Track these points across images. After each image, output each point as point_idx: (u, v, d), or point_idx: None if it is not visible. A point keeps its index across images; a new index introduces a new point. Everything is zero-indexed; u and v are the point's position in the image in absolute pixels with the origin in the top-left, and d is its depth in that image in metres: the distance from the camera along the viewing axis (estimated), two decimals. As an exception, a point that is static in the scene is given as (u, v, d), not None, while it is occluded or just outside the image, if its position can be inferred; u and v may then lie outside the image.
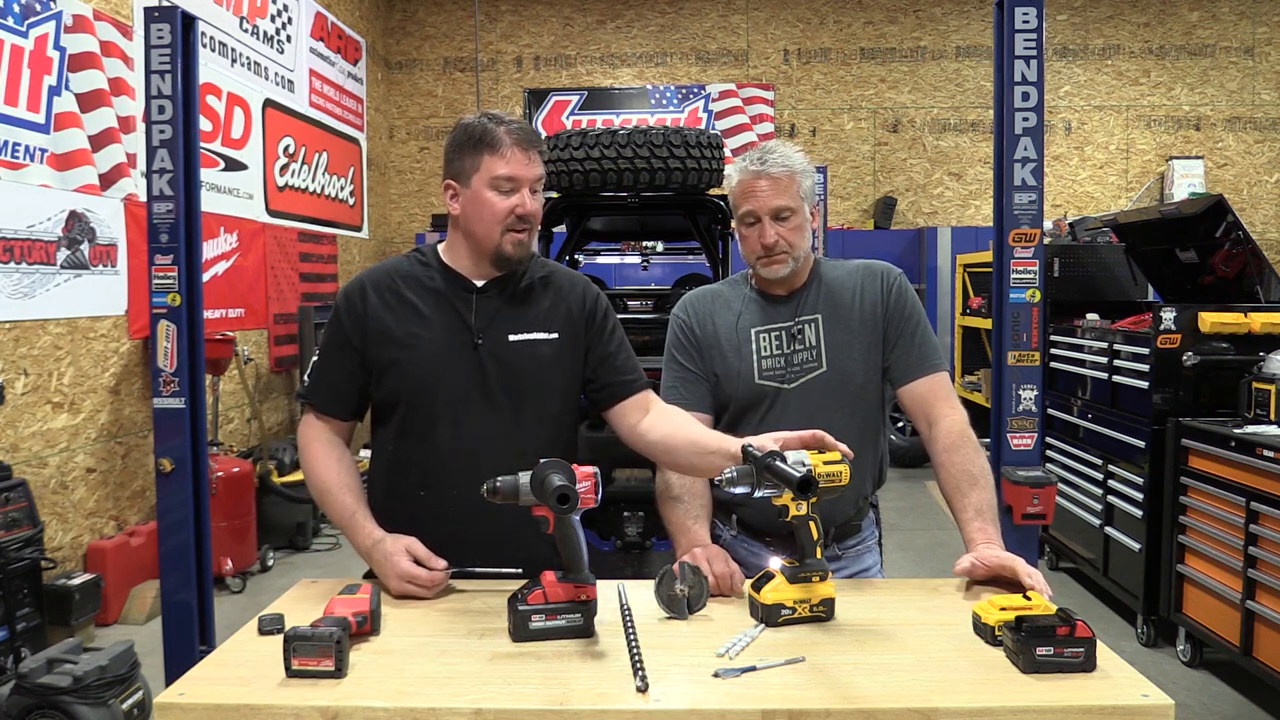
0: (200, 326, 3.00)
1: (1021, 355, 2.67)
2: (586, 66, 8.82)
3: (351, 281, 1.81)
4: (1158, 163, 8.59)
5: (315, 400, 1.79)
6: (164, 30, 2.88)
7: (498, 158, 1.67)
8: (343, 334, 1.76)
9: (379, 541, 1.63)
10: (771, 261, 1.80)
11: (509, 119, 1.71)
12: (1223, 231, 4.13)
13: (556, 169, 3.75)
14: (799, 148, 1.83)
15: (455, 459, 1.70)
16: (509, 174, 1.68)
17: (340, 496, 1.70)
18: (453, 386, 1.71)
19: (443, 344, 1.72)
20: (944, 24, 8.64)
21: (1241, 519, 3.19)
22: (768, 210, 1.77)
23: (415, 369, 1.72)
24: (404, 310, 1.74)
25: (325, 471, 1.73)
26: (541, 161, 1.73)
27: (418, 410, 1.73)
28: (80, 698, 2.63)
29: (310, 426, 1.79)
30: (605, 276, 6.20)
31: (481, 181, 1.69)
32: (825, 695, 1.19)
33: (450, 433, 1.71)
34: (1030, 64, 2.63)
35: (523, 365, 1.74)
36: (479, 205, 1.69)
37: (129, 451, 4.63)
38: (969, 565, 1.56)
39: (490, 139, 1.67)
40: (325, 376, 1.78)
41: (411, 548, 1.59)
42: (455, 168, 1.72)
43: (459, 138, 1.72)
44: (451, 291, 1.75)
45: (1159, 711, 1.17)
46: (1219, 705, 3.26)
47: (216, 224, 5.46)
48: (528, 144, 1.69)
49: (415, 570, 1.57)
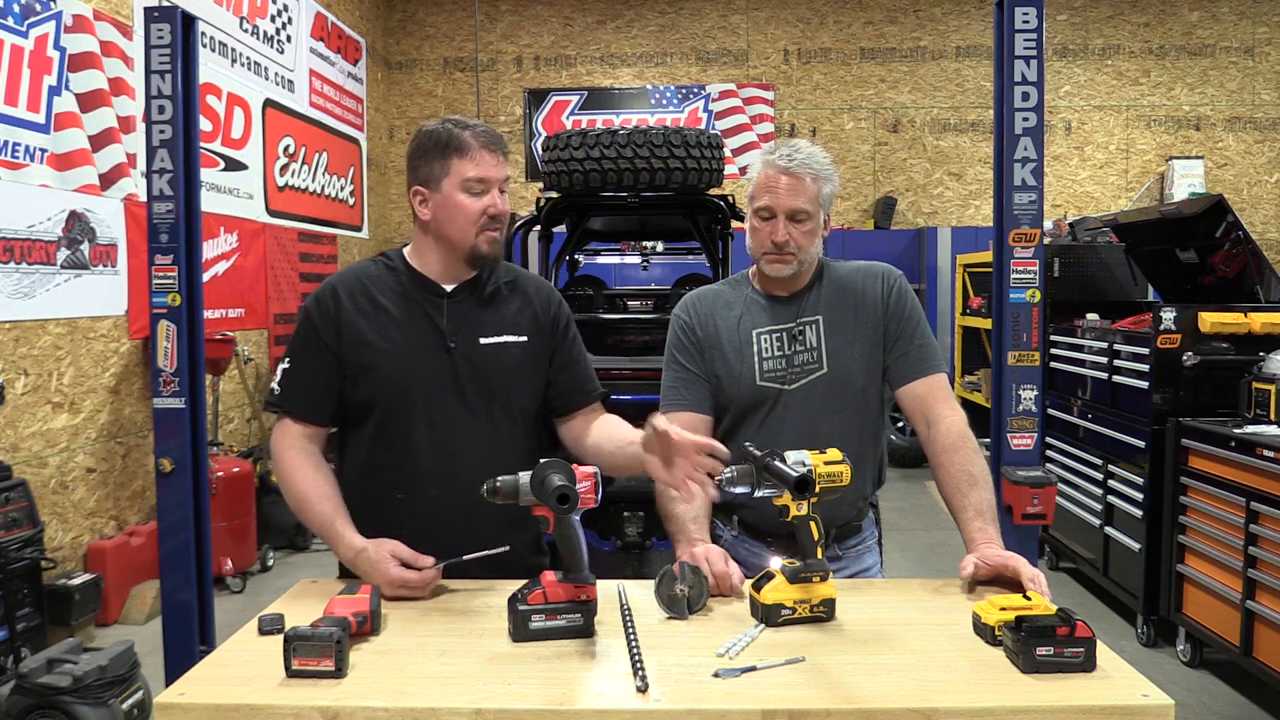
0: (200, 326, 3.00)
1: (1021, 355, 2.67)
2: (586, 66, 8.82)
3: (321, 286, 1.81)
4: (1158, 163, 8.59)
5: (291, 406, 1.77)
6: (164, 30, 2.88)
7: (467, 160, 1.71)
8: (316, 337, 1.76)
9: (361, 551, 1.62)
10: (778, 260, 1.80)
11: (473, 123, 1.75)
12: (1223, 231, 4.13)
13: (556, 169, 3.75)
14: (826, 153, 1.82)
15: (432, 461, 1.73)
16: (479, 175, 1.71)
17: (318, 506, 1.70)
18: (427, 389, 1.74)
19: (416, 348, 1.75)
20: (944, 24, 8.64)
21: (1241, 519, 3.19)
22: (784, 209, 1.76)
23: (390, 372, 1.74)
24: (376, 314, 1.76)
25: (302, 481, 1.72)
26: (506, 163, 1.76)
27: (393, 413, 1.75)
28: (80, 698, 2.63)
29: (285, 434, 1.77)
30: (605, 276, 6.20)
31: (453, 185, 1.72)
32: (825, 695, 1.19)
33: (426, 435, 1.73)
34: (1030, 64, 2.63)
35: (494, 367, 1.77)
36: (451, 208, 1.73)
37: (129, 451, 4.63)
38: (972, 569, 1.56)
39: (458, 143, 1.71)
40: (300, 381, 1.77)
41: (395, 551, 1.59)
42: (423, 173, 1.75)
43: (424, 144, 1.75)
44: (422, 296, 1.78)
45: (1159, 711, 1.17)
46: (1219, 705, 3.26)
47: (216, 224, 5.46)
48: (495, 146, 1.73)
49: (405, 574, 1.57)
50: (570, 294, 4.93)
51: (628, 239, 5.38)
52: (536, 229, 4.10)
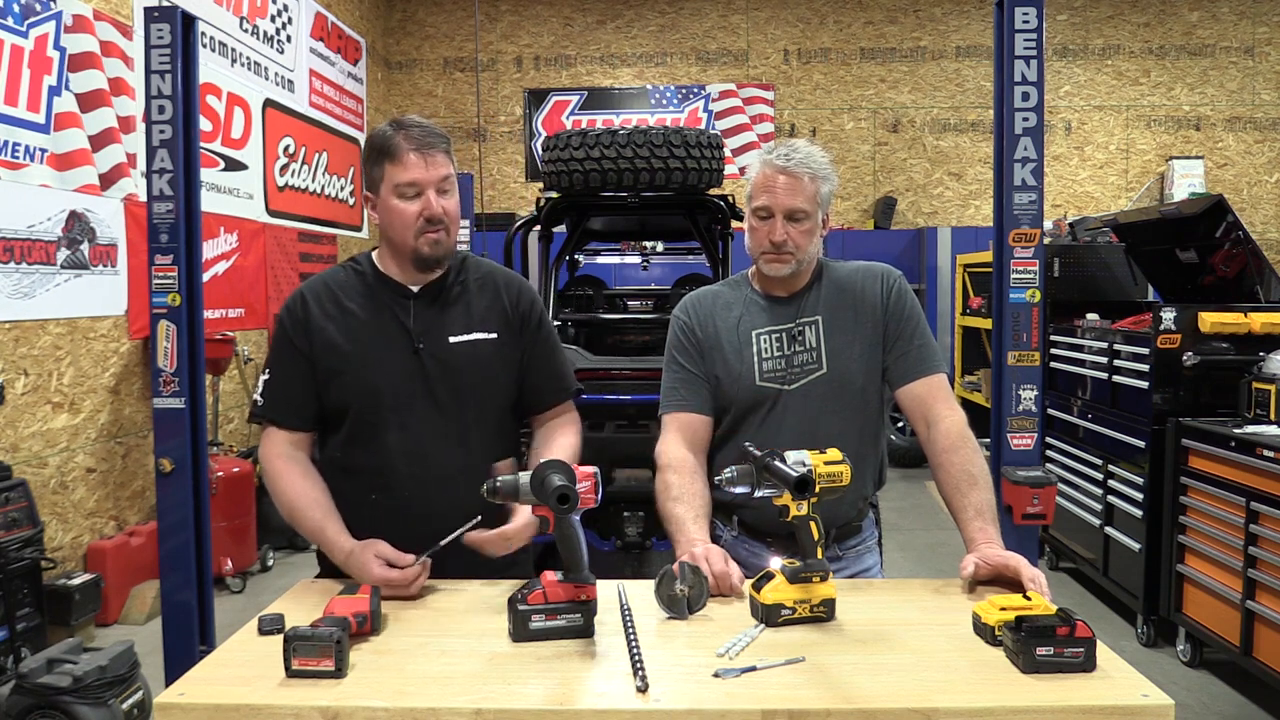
0: (200, 326, 3.00)
1: (1021, 355, 2.67)
2: (586, 66, 8.82)
3: (292, 295, 1.83)
4: (1158, 163, 8.59)
5: (275, 414, 1.79)
6: (164, 30, 2.88)
7: (398, 166, 1.70)
8: (291, 346, 1.78)
9: (350, 553, 1.64)
10: (776, 260, 1.80)
11: (411, 123, 1.73)
12: (1223, 231, 4.13)
13: (556, 169, 3.75)
14: (825, 152, 1.82)
15: (404, 462, 1.74)
16: (409, 180, 1.70)
17: (308, 513, 1.71)
18: (397, 391, 1.75)
19: (384, 350, 1.76)
20: (944, 24, 8.64)
21: (1241, 519, 3.19)
22: (782, 209, 1.77)
23: (360, 376, 1.75)
24: (344, 319, 1.77)
25: (290, 489, 1.74)
26: (447, 160, 1.74)
27: (364, 416, 1.75)
28: (80, 698, 2.63)
29: (272, 443, 1.78)
30: (605, 276, 6.20)
31: (388, 190, 1.72)
32: (825, 695, 1.19)
33: (398, 436, 1.74)
34: (1030, 64, 2.63)
35: (465, 366, 1.78)
36: (389, 213, 1.74)
37: (129, 451, 4.63)
38: (973, 569, 1.56)
39: (389, 148, 1.71)
40: (282, 389, 1.79)
41: (380, 552, 1.60)
42: (368, 179, 1.77)
43: (368, 149, 1.76)
44: (389, 298, 1.79)
45: (1159, 711, 1.17)
46: (1219, 705, 3.26)
47: (216, 224, 5.46)
48: (426, 147, 1.71)
49: (388, 574, 1.58)
50: (570, 294, 4.93)
51: (628, 239, 5.38)
52: (536, 229, 4.10)
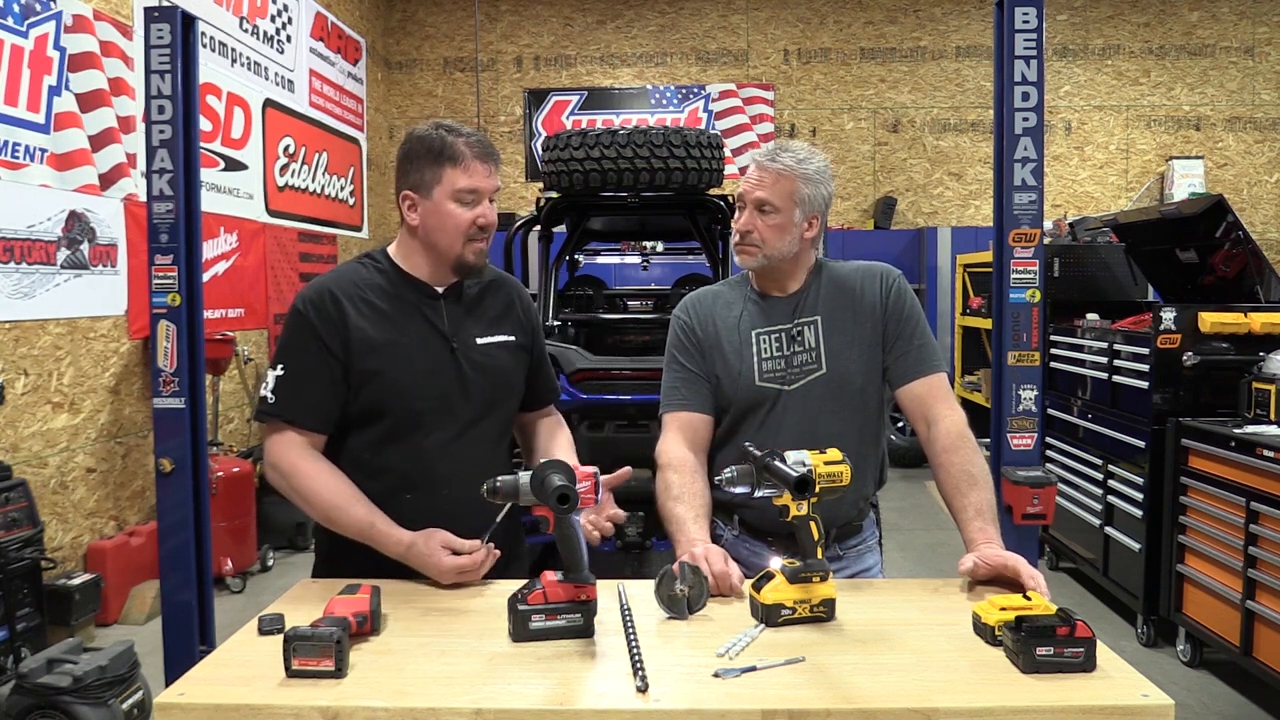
0: (200, 326, 3.00)
1: (1021, 355, 2.67)
2: (586, 66, 8.82)
3: (313, 290, 1.74)
4: (1158, 163, 8.59)
5: (290, 414, 1.70)
6: (164, 30, 2.88)
7: (460, 170, 1.69)
8: (320, 344, 1.70)
9: (411, 545, 1.63)
10: (742, 249, 1.85)
11: (465, 130, 1.73)
12: (1223, 231, 4.13)
13: (556, 169, 3.75)
14: (823, 157, 1.84)
15: (443, 460, 1.74)
16: (471, 186, 1.70)
17: (351, 510, 1.67)
18: (436, 391, 1.75)
19: (422, 350, 1.75)
20: (944, 24, 8.63)
21: (1241, 519, 3.19)
22: (751, 199, 1.82)
23: (400, 376, 1.72)
24: (378, 318, 1.74)
25: (325, 488, 1.68)
26: (497, 173, 1.76)
27: (403, 416, 1.74)
28: (80, 698, 2.63)
29: (287, 445, 1.70)
30: (605, 276, 6.20)
31: (444, 194, 1.71)
32: (825, 695, 1.19)
33: (437, 435, 1.74)
34: (1030, 64, 2.63)
35: (492, 366, 1.81)
36: (441, 217, 1.72)
37: (129, 451, 4.63)
38: (971, 566, 1.56)
39: (452, 152, 1.69)
40: (304, 390, 1.71)
41: (446, 541, 1.62)
42: (414, 179, 1.73)
43: (416, 149, 1.73)
44: (416, 298, 1.78)
45: (1159, 711, 1.17)
46: (1219, 705, 3.26)
47: (216, 224, 5.46)
48: (487, 156, 1.72)
49: (459, 561, 1.61)
50: (570, 294, 4.93)
51: (628, 239, 5.38)
52: (536, 229, 4.10)
